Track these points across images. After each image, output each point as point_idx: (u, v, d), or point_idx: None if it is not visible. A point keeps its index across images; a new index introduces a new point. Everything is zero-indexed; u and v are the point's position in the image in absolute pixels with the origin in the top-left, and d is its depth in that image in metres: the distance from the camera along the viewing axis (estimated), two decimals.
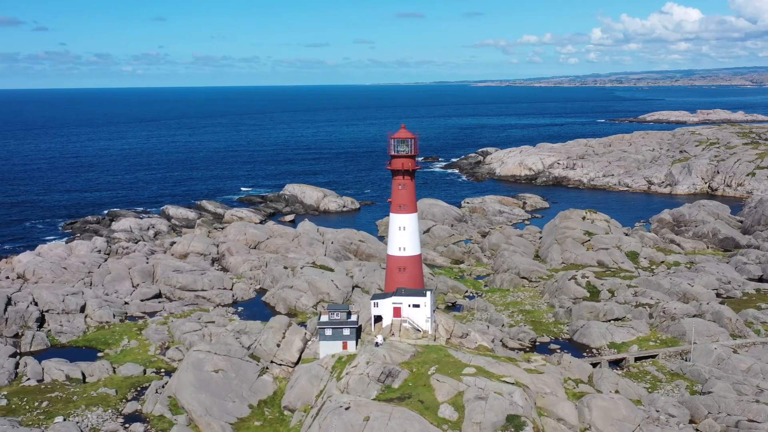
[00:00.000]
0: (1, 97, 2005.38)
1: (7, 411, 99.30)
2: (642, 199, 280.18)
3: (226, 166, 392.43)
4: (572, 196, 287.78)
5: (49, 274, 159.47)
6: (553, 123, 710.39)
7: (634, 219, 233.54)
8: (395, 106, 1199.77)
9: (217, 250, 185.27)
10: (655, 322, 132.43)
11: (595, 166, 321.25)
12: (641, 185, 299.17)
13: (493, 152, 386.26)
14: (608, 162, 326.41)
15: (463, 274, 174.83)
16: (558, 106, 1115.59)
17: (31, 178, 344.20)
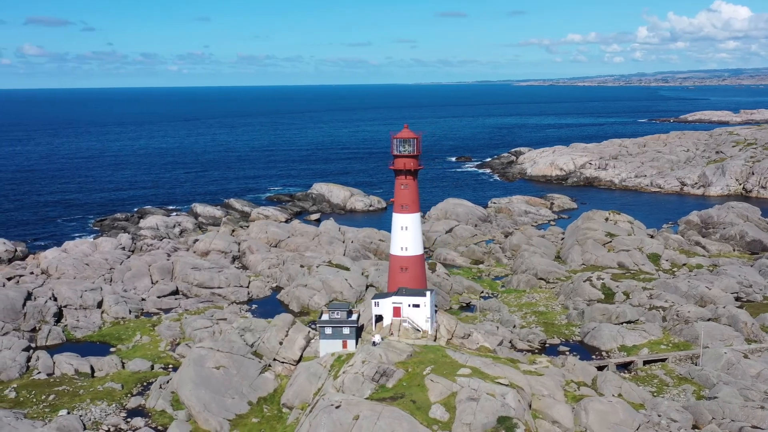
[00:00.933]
0: (50, 97, 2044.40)
1: (15, 403, 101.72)
2: (673, 201, 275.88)
3: (259, 165, 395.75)
4: (602, 197, 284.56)
5: (71, 270, 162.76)
6: (593, 123, 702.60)
7: (662, 220, 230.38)
8: (436, 106, 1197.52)
9: (238, 247, 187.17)
10: (668, 326, 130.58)
11: (627, 167, 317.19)
12: (674, 186, 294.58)
13: (526, 152, 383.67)
14: (641, 163, 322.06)
15: (481, 274, 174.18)
16: (600, 105, 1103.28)
17: (68, 176, 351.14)
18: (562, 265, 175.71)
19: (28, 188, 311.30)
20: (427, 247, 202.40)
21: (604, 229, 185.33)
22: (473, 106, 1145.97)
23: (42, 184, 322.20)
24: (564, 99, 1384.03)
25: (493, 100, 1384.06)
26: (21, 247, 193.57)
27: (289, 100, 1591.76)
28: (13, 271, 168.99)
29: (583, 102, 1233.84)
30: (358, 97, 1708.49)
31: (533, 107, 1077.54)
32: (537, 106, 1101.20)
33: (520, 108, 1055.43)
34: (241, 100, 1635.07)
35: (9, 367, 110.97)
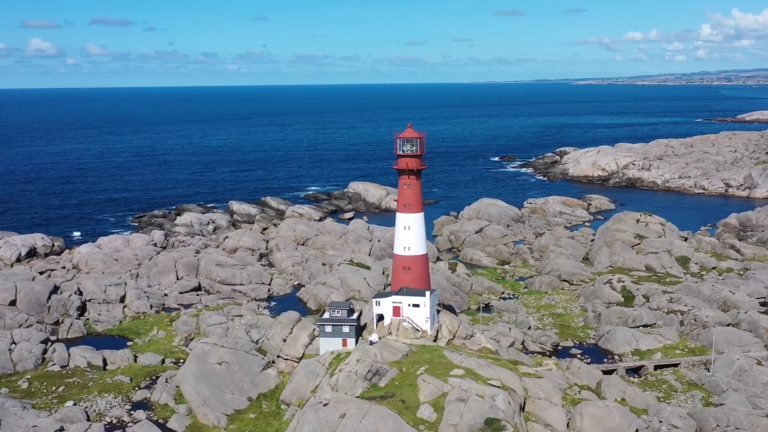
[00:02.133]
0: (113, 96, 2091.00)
1: (26, 394, 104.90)
2: (717, 203, 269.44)
3: (303, 164, 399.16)
4: (643, 198, 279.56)
5: (100, 265, 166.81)
6: (647, 123, 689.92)
7: (701, 222, 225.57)
8: (491, 105, 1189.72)
9: (266, 245, 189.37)
10: (685, 330, 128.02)
11: (671, 168, 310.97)
12: (718, 188, 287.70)
13: (571, 152, 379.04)
14: (686, 163, 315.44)
15: (505, 275, 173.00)
16: (657, 105, 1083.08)
17: (117, 173, 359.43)
18: (589, 267, 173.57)
19: (77, 185, 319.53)
20: (455, 246, 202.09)
21: (633, 230, 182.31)
22: (528, 105, 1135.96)
23: (90, 182, 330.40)
24: (621, 98, 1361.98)
25: (549, 99, 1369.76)
26: (59, 242, 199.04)
27: (344, 99, 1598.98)
28: (47, 265, 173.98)
29: (640, 101, 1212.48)
30: (413, 96, 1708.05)
31: (588, 106, 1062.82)
32: (592, 106, 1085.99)
33: (574, 107, 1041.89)
34: (297, 99, 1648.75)
35: (25, 358, 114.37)
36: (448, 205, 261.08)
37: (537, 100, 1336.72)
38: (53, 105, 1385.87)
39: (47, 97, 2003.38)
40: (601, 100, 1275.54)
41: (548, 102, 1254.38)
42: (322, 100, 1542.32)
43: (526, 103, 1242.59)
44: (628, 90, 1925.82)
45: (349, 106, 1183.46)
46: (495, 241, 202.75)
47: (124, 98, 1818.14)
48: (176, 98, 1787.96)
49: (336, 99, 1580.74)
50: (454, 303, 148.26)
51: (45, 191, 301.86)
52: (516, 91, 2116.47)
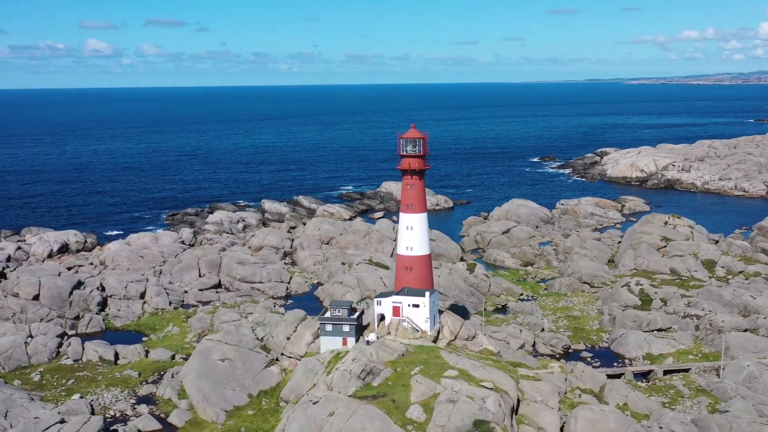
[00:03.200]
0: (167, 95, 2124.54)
1: (37, 386, 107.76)
2: (757, 205, 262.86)
3: (342, 163, 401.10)
4: (680, 200, 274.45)
5: (126, 261, 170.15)
6: (696, 123, 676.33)
7: (736, 225, 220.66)
8: (541, 105, 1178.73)
9: (291, 244, 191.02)
10: (700, 335, 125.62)
11: (711, 169, 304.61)
12: (759, 190, 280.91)
13: (611, 153, 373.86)
14: (727, 165, 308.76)
15: (527, 276, 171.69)
16: (709, 105, 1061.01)
17: (157, 172, 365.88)
18: (613, 270, 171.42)
19: (118, 183, 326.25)
20: (481, 247, 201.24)
21: (660, 233, 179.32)
22: (577, 105, 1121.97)
23: (131, 180, 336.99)
24: (673, 98, 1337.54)
25: (599, 99, 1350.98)
26: (91, 238, 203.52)
27: (392, 99, 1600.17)
28: (76, 261, 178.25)
29: (693, 101, 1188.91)
30: (463, 96, 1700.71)
31: (639, 106, 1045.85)
32: (643, 106, 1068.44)
33: (624, 107, 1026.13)
34: (346, 98, 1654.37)
35: (39, 351, 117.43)
36: (480, 206, 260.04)
37: (587, 100, 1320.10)
38: (108, 104, 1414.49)
39: (103, 96, 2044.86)
40: (652, 100, 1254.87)
41: (598, 102, 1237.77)
42: (370, 100, 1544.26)
43: (575, 103, 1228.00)
44: (681, 90, 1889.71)
45: (397, 106, 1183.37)
46: (521, 242, 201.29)
47: (177, 98, 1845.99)
48: (227, 98, 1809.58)
49: (384, 99, 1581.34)
50: (470, 304, 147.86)
51: (86, 189, 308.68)
52: (567, 90, 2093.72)
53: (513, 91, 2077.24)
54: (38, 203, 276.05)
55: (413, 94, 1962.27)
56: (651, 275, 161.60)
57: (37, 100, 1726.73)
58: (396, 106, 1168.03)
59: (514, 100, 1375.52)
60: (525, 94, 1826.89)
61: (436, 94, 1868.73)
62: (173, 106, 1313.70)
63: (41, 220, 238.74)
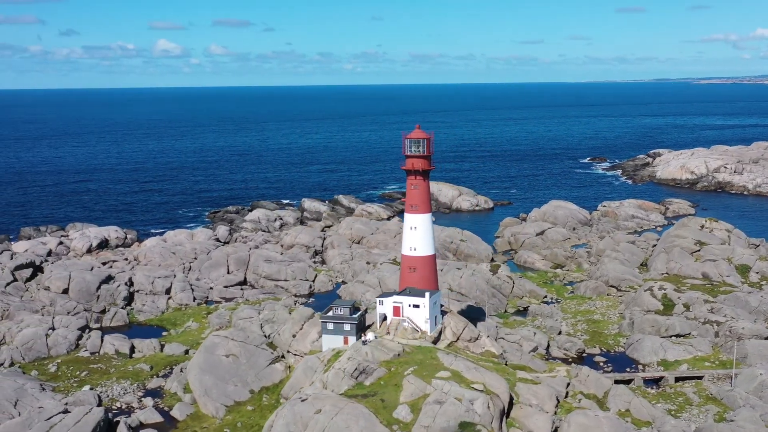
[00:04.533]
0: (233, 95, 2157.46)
1: (52, 377, 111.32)
2: None
3: (390, 163, 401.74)
4: (728, 203, 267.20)
5: (157, 258, 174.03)
6: (760, 124, 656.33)
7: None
8: (605, 105, 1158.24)
9: (322, 243, 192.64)
10: (719, 342, 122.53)
11: (765, 172, 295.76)
12: None
13: (664, 154, 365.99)
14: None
15: (554, 279, 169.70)
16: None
17: (207, 170, 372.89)
18: (643, 273, 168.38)
19: (168, 181, 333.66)
20: (514, 248, 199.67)
21: (695, 237, 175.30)
22: (642, 105, 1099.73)
23: (181, 178, 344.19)
24: (743, 98, 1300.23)
25: (666, 99, 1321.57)
26: (132, 234, 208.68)
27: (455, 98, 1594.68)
28: (112, 256, 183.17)
29: (764, 102, 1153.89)
30: (526, 96, 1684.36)
31: (705, 107, 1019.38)
32: (710, 106, 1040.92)
33: (691, 107, 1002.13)
34: (410, 98, 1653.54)
35: (59, 344, 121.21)
36: (520, 207, 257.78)
37: (653, 100, 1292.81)
38: (175, 104, 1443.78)
39: (171, 96, 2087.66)
40: (720, 100, 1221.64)
41: (664, 102, 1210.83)
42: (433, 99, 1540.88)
43: (640, 103, 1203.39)
44: (753, 90, 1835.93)
45: (457, 106, 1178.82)
46: (555, 244, 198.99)
47: (242, 97, 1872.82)
48: (291, 97, 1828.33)
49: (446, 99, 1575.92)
50: (491, 305, 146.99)
51: (138, 187, 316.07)
52: (633, 90, 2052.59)
53: (577, 91, 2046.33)
54: (89, 200, 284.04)
55: (476, 93, 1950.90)
56: (681, 280, 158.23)
57: (107, 99, 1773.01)
58: (456, 106, 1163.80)
59: (577, 101, 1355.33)
60: (589, 94, 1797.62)
61: (499, 94, 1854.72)
62: (236, 105, 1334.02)
63: (88, 216, 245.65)
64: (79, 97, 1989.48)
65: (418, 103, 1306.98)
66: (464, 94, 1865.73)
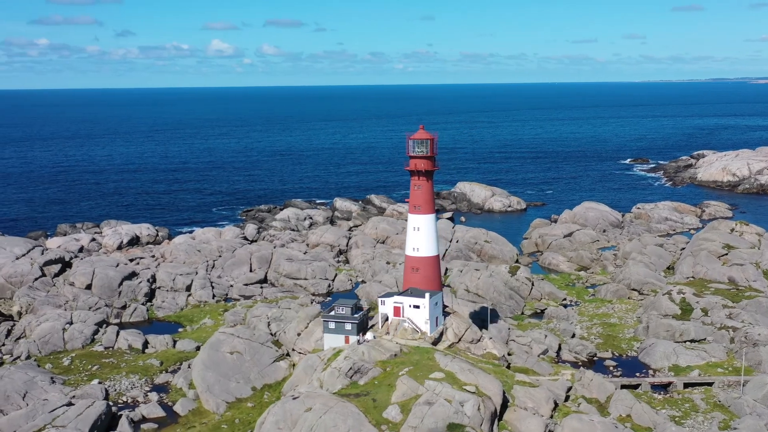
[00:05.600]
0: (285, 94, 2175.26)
1: (64, 371, 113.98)
2: None
3: None
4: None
5: (182, 255, 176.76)
6: None
7: None
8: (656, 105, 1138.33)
9: (347, 242, 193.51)
10: (734, 348, 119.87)
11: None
12: None
13: (708, 155, 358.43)
14: None
15: (577, 281, 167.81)
16: None
17: (248, 169, 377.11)
18: (668, 277, 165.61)
19: (209, 180, 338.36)
20: (540, 250, 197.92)
21: (723, 240, 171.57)
22: (695, 105, 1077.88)
23: (221, 177, 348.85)
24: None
25: (721, 99, 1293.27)
26: (163, 232, 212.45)
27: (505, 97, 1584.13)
28: (141, 253, 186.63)
29: None
30: (578, 96, 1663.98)
31: (761, 107, 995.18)
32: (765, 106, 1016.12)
33: (745, 108, 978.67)
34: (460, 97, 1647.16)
35: (75, 338, 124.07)
36: (553, 208, 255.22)
37: (707, 100, 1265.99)
38: (226, 103, 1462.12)
39: (224, 95, 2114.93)
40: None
41: (719, 102, 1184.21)
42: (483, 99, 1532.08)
43: (693, 103, 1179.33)
44: None
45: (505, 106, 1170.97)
46: (583, 246, 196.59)
47: (293, 97, 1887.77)
48: (341, 97, 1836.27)
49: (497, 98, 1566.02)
50: (507, 307, 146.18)
51: (176, 186, 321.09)
52: (688, 90, 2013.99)
53: (630, 91, 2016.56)
54: (128, 198, 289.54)
55: (528, 93, 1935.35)
56: (706, 284, 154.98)
57: (161, 98, 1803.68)
58: (504, 106, 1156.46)
59: (629, 100, 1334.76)
60: (642, 94, 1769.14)
61: (549, 94, 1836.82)
62: (285, 105, 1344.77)
63: (126, 214, 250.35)
64: (133, 96, 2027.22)
65: (466, 103, 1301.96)
66: (514, 94, 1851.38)
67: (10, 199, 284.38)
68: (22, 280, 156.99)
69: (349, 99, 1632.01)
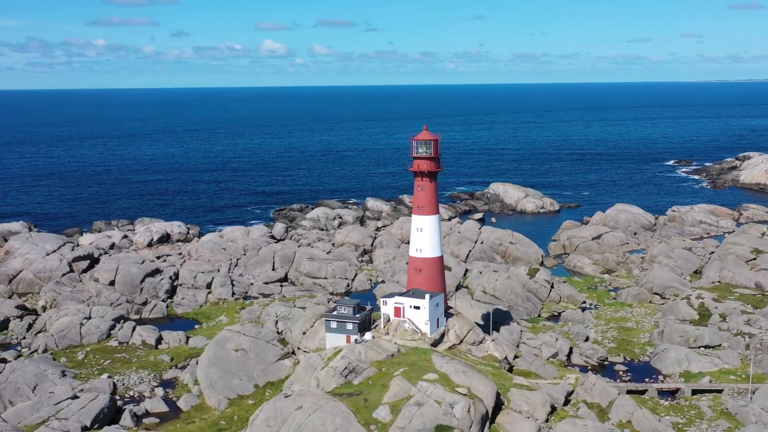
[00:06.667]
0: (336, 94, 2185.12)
1: (78, 364, 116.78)
2: None
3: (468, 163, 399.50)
4: None
5: (207, 253, 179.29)
6: None
7: None
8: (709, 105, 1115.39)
9: (372, 242, 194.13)
10: (749, 355, 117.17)
11: None
12: None
13: (753, 157, 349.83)
14: None
15: (599, 284, 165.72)
16: None
17: (289, 168, 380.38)
18: (694, 281, 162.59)
19: (249, 179, 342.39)
20: (567, 252, 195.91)
21: (753, 244, 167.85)
22: (751, 106, 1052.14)
23: (262, 175, 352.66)
24: None
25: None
26: (194, 230, 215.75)
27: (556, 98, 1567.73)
28: (169, 250, 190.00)
29: None
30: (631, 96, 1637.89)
31: None
32: None
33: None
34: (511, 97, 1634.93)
35: (91, 333, 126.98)
36: (587, 210, 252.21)
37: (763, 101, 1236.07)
38: (276, 102, 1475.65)
39: (275, 95, 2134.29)
40: None
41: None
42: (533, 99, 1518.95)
43: (749, 104, 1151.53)
44: None
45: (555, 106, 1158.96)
46: (611, 248, 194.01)
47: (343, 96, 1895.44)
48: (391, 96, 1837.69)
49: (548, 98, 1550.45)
50: (524, 309, 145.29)
51: (215, 186, 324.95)
52: (745, 90, 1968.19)
53: (685, 91, 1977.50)
54: (166, 197, 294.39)
55: (580, 93, 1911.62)
56: (731, 289, 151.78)
57: (213, 98, 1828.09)
58: (553, 106, 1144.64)
59: (683, 101, 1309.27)
60: (697, 94, 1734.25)
61: (601, 94, 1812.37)
62: (334, 104, 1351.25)
63: (162, 213, 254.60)
64: (187, 96, 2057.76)
65: (515, 103, 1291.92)
66: (565, 95, 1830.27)
67: (53, 196, 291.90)
68: (50, 276, 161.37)
69: (399, 99, 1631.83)
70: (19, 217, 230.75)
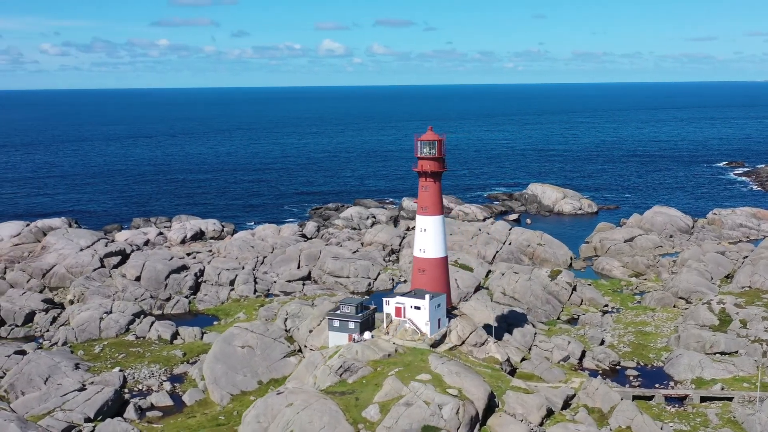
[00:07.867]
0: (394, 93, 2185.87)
1: (93, 358, 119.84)
2: None
3: (512, 163, 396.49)
4: None
5: (235, 251, 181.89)
6: None
7: None
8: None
9: (400, 241, 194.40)
10: (766, 362, 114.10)
11: None
12: None
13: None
14: None
15: (625, 288, 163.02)
16: None
17: (333, 167, 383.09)
18: (723, 286, 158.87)
19: (291, 177, 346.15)
20: (599, 254, 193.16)
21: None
22: None
23: (305, 174, 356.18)
24: None
25: None
26: (229, 227, 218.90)
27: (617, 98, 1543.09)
28: (200, 247, 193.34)
29: None
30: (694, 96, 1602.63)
31: None
32: None
33: None
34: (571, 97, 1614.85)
35: (110, 327, 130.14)
36: (626, 212, 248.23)
37: None
38: (332, 102, 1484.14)
39: (333, 94, 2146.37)
40: None
41: None
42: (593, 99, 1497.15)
43: None
44: None
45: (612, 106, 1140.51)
46: (644, 251, 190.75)
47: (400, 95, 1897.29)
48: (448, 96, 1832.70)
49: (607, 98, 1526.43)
50: (543, 312, 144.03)
51: (257, 186, 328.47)
52: None
53: (751, 91, 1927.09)
54: (207, 195, 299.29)
55: (641, 93, 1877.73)
56: (761, 294, 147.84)
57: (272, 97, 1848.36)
58: (612, 105, 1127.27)
59: (747, 101, 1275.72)
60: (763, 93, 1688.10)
61: (663, 94, 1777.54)
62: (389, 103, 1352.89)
63: (201, 210, 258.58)
64: (247, 95, 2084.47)
65: (572, 103, 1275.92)
66: (626, 94, 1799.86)
67: (99, 193, 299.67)
68: (81, 271, 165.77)
69: (457, 98, 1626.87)
70: (63, 214, 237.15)
